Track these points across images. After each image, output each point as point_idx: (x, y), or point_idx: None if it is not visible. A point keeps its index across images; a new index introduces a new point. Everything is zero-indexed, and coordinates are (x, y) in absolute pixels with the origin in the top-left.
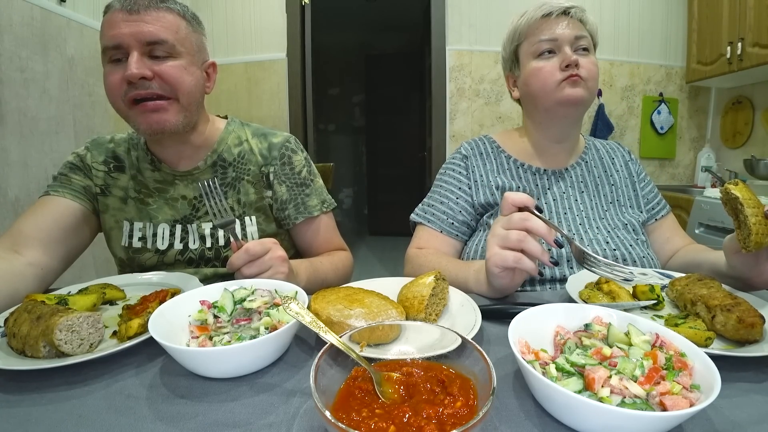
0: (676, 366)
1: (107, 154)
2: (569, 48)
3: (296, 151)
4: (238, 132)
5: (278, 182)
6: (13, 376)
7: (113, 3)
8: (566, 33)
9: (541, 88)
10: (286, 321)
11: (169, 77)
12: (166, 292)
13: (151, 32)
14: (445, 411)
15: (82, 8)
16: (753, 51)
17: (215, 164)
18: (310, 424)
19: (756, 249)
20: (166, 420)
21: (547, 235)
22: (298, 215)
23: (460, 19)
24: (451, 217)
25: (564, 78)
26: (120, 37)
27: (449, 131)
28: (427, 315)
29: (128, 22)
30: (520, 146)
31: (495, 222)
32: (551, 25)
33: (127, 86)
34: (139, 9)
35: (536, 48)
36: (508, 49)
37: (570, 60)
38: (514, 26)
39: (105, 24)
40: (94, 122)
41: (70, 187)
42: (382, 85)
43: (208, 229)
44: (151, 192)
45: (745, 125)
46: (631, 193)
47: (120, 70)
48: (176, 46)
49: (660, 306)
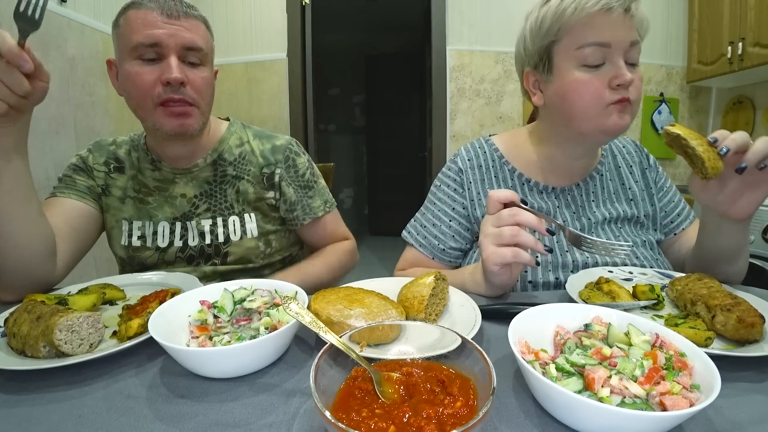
0: (676, 366)
1: (108, 155)
2: (622, 58)
3: (299, 154)
4: (240, 133)
5: (286, 184)
6: (13, 376)
7: (143, 2)
8: (623, 38)
9: (583, 108)
10: (286, 321)
11: (199, 86)
12: (166, 292)
13: (192, 38)
14: (445, 411)
15: (82, 8)
16: (754, 51)
17: (215, 162)
18: (310, 424)
19: (714, 174)
20: (166, 420)
21: (538, 226)
22: (305, 216)
23: (461, 19)
24: (443, 243)
25: (613, 101)
26: (159, 37)
27: (449, 131)
28: (427, 315)
29: (168, 24)
30: (529, 158)
31: (484, 221)
32: (607, 25)
33: (163, 88)
34: (178, 15)
35: (583, 54)
36: (537, 44)
37: (624, 79)
38: (552, 14)
39: (137, 21)
40: (94, 122)
41: (74, 188)
42: (383, 85)
43: (208, 226)
44: (151, 191)
45: (746, 125)
46: (649, 208)
47: (154, 69)
48: (207, 55)
49: (660, 306)
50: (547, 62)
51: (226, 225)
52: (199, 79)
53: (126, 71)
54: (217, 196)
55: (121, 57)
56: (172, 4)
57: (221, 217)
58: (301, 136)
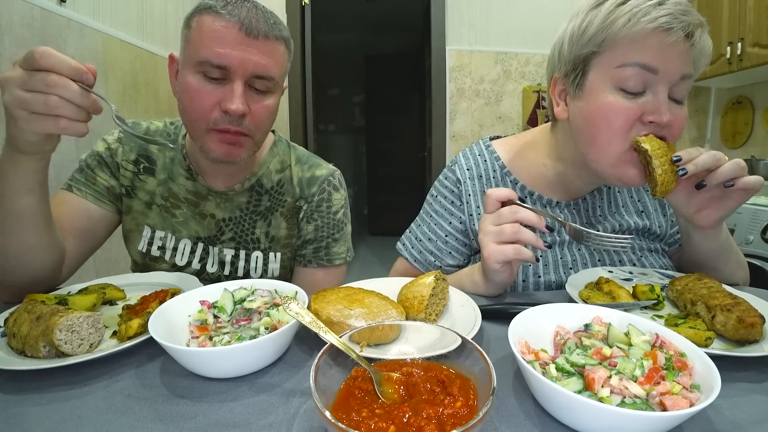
0: (676, 366)
1: (140, 151)
2: (667, 90)
3: (338, 189)
4: (283, 156)
5: (307, 220)
6: (13, 376)
7: (223, 12)
8: (675, 68)
9: (607, 140)
10: (286, 321)
11: (260, 117)
12: (166, 292)
13: (265, 66)
14: (445, 411)
15: (82, 8)
16: (753, 51)
17: (252, 188)
18: (310, 424)
19: (661, 195)
20: (166, 420)
21: (538, 223)
22: (313, 259)
23: (460, 20)
24: (440, 260)
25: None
26: (230, 60)
27: (449, 131)
28: (427, 315)
29: (243, 45)
30: (536, 172)
31: (483, 220)
32: (660, 47)
33: (220, 115)
34: (258, 35)
35: (623, 75)
36: (575, 51)
37: (662, 117)
38: (601, 21)
39: (210, 32)
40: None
41: (93, 187)
42: (382, 85)
43: (230, 256)
44: (180, 202)
45: (745, 125)
46: (662, 219)
47: (216, 91)
48: (278, 83)
49: (660, 306)
50: (581, 75)
51: (249, 259)
52: (263, 109)
53: (186, 82)
54: (245, 226)
55: (184, 62)
56: (254, 21)
57: (245, 250)
58: (301, 136)
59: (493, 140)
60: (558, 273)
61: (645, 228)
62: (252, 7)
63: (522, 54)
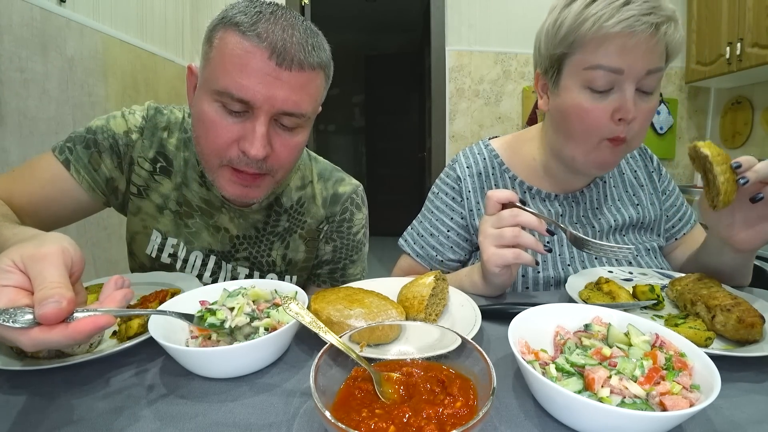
0: (676, 366)
1: (159, 147)
2: (634, 86)
3: (360, 208)
4: (305, 171)
5: (326, 241)
6: (13, 376)
7: (251, 33)
8: (639, 66)
9: (580, 135)
10: (286, 321)
11: (285, 158)
12: (166, 292)
13: (295, 102)
14: (445, 411)
15: (82, 8)
16: (752, 51)
17: (270, 207)
18: (310, 424)
19: (723, 207)
20: (166, 420)
21: (538, 227)
22: (328, 280)
23: (460, 20)
24: (441, 254)
25: (609, 137)
26: (253, 95)
27: (449, 131)
28: (427, 315)
29: (271, 77)
30: (530, 165)
31: (483, 222)
32: (624, 49)
33: (238, 155)
34: (291, 65)
35: (591, 76)
36: (550, 50)
37: (627, 114)
38: (571, 23)
39: (234, 56)
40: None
41: (93, 175)
42: (382, 85)
43: (243, 275)
44: (194, 211)
45: (745, 125)
46: (658, 212)
47: (236, 125)
48: (309, 119)
49: (660, 306)
50: (556, 73)
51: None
52: (287, 148)
53: (202, 110)
54: (261, 247)
55: (202, 84)
56: (288, 46)
57: (259, 272)
58: None
59: (492, 139)
60: (557, 269)
61: (639, 221)
62: (288, 27)
63: (521, 54)
